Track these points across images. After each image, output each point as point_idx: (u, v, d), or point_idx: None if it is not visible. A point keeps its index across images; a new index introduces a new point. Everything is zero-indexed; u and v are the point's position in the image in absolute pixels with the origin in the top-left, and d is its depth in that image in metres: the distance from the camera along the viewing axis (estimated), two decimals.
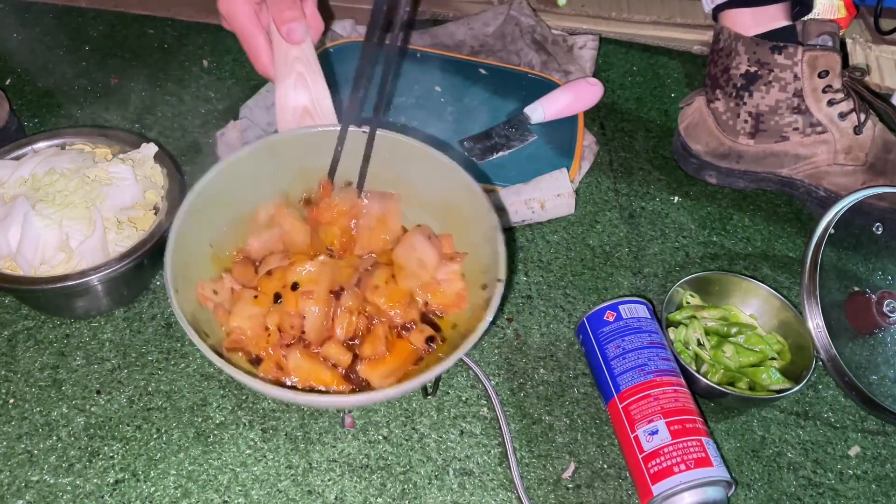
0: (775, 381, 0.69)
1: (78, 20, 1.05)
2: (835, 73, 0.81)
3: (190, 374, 0.69)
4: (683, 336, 0.72)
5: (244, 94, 0.94)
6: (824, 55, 0.80)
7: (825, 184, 0.85)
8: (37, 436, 0.64)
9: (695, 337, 0.72)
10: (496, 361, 0.73)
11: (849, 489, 0.67)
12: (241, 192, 0.67)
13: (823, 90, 0.81)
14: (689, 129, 0.91)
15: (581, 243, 0.84)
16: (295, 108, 0.66)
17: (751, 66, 0.83)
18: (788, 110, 0.83)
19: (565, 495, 0.64)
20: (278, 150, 0.65)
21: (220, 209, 0.66)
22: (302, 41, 0.66)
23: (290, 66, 0.65)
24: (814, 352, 0.70)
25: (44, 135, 0.77)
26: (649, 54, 1.10)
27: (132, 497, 0.61)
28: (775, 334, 0.73)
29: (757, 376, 0.69)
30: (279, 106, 0.66)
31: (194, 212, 0.62)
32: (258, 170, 0.67)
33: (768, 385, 0.69)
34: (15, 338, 0.70)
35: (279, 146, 0.66)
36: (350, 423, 0.67)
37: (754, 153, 0.87)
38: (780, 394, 0.67)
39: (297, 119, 0.66)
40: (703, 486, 0.59)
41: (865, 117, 0.82)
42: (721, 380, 0.69)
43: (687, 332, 0.72)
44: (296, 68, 0.65)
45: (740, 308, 0.75)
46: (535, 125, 0.91)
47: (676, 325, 0.73)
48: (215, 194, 0.64)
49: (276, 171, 0.67)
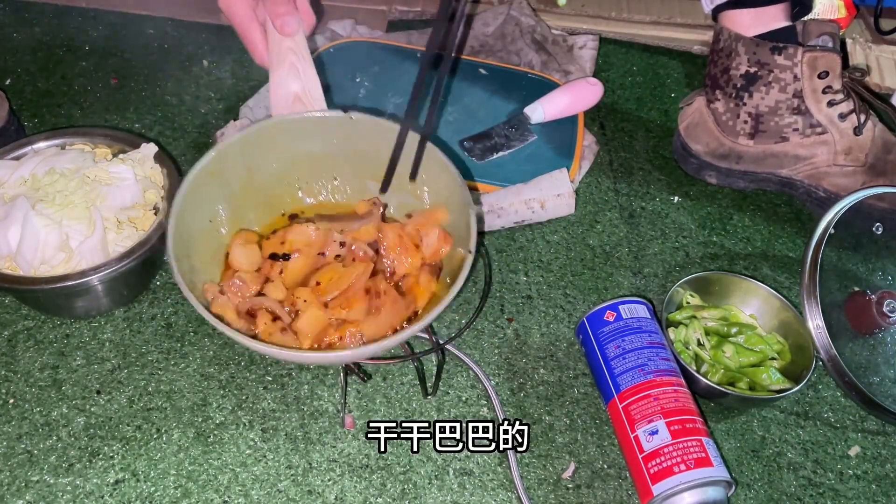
0: (775, 382, 0.69)
1: (78, 20, 1.05)
2: (835, 74, 0.81)
3: (190, 374, 0.69)
4: (683, 336, 0.72)
5: (244, 94, 0.94)
6: (824, 56, 0.80)
7: (825, 184, 0.85)
8: (37, 436, 0.64)
9: (695, 337, 0.72)
10: (496, 361, 0.73)
11: (849, 489, 0.67)
12: (237, 172, 0.69)
13: (823, 91, 0.81)
14: (689, 130, 0.91)
15: (581, 243, 0.84)
16: (287, 95, 0.70)
17: (751, 67, 0.83)
18: (788, 111, 0.83)
19: (565, 495, 0.64)
20: (271, 132, 0.70)
21: (217, 188, 0.68)
22: (295, 33, 0.69)
23: (283, 57, 0.69)
24: (814, 352, 0.70)
25: (44, 135, 0.77)
26: (649, 54, 1.10)
27: (132, 497, 0.61)
28: (775, 334, 0.73)
29: (757, 376, 0.69)
30: (273, 93, 0.70)
31: (193, 190, 0.65)
32: (253, 151, 0.70)
33: (768, 385, 0.69)
34: (15, 338, 0.70)
35: (272, 129, 0.70)
36: (350, 423, 0.67)
37: (754, 154, 0.87)
38: (781, 394, 0.67)
39: (289, 105, 0.70)
40: (703, 486, 0.59)
41: (865, 118, 0.82)
42: (721, 380, 0.69)
43: (687, 332, 0.72)
44: (288, 58, 0.69)
45: (740, 308, 0.75)
46: (535, 125, 0.91)
47: (676, 325, 0.73)
48: (213, 174, 0.67)
49: (269, 153, 0.71)
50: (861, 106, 0.83)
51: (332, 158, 0.73)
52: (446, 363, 0.71)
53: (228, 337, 0.55)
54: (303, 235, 0.67)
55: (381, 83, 0.95)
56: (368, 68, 0.97)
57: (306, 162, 0.72)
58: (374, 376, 0.70)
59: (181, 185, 0.64)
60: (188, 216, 0.64)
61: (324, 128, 0.70)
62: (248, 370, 0.70)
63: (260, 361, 0.70)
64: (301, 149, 0.71)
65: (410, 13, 1.12)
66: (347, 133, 0.70)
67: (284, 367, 0.70)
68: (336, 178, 0.74)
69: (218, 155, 0.67)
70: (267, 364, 0.70)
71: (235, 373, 0.69)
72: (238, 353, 0.71)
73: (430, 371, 0.71)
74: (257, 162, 0.70)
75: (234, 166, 0.69)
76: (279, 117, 0.70)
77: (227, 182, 0.69)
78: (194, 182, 0.65)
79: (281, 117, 0.70)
